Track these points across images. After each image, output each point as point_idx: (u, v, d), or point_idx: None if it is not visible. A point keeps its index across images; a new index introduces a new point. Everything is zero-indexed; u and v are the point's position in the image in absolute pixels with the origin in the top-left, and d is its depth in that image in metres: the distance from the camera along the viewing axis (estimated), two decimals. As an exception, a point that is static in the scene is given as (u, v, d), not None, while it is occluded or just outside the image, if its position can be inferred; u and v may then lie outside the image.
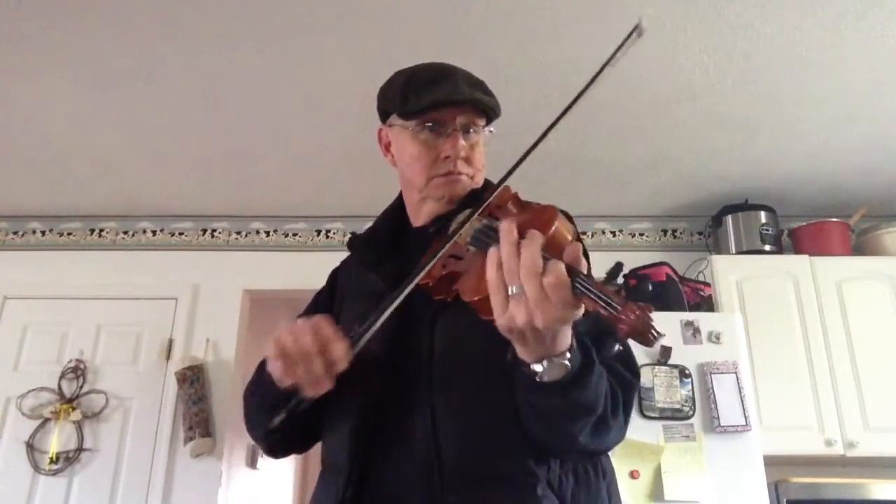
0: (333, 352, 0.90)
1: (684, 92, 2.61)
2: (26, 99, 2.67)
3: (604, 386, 0.91)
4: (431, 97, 1.08)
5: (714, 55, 2.41)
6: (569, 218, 0.95)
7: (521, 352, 0.83)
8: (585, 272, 0.76)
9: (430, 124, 1.10)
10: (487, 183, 1.16)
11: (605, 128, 2.85)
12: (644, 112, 2.73)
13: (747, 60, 2.43)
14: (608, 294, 0.72)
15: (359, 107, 2.69)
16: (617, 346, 0.74)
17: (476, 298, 0.89)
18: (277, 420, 1.00)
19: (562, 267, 0.75)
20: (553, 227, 0.86)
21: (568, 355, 0.82)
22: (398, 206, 1.24)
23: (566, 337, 0.82)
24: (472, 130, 1.12)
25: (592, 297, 0.73)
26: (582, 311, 0.77)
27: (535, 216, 0.93)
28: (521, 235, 0.83)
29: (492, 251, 0.81)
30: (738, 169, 3.16)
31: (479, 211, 0.99)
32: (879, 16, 2.22)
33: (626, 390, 0.97)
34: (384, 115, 1.19)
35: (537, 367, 0.82)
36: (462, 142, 1.10)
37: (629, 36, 0.99)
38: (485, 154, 1.17)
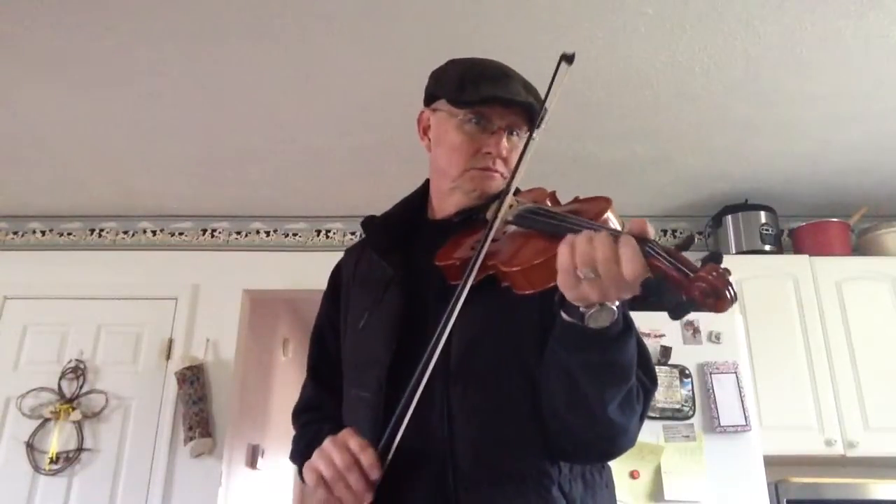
0: (365, 464, 0.91)
1: (684, 92, 2.61)
2: (26, 99, 2.67)
3: (636, 356, 0.91)
4: (489, 91, 1.08)
5: (714, 55, 2.41)
6: None
7: (573, 297, 0.83)
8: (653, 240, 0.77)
9: (478, 118, 1.10)
10: (518, 190, 1.15)
11: (605, 128, 2.85)
12: (644, 112, 2.73)
13: (747, 60, 2.43)
14: (680, 258, 0.73)
15: (360, 107, 2.69)
16: (687, 310, 0.74)
17: (516, 269, 0.89)
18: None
19: (633, 241, 0.76)
20: (606, 214, 0.89)
21: (617, 303, 0.83)
22: (421, 194, 1.24)
23: None
24: (515, 133, 1.12)
25: (663, 259, 0.74)
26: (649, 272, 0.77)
27: (587, 202, 0.95)
28: (578, 215, 0.85)
29: (567, 239, 0.81)
30: (738, 169, 3.16)
31: (510, 192, 1.01)
32: (879, 16, 2.22)
33: (645, 394, 0.98)
34: (431, 99, 1.18)
35: (587, 311, 0.82)
36: (505, 142, 1.10)
37: (558, 66, 1.04)
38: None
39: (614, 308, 0.83)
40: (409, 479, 0.96)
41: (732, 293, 0.69)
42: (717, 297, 0.69)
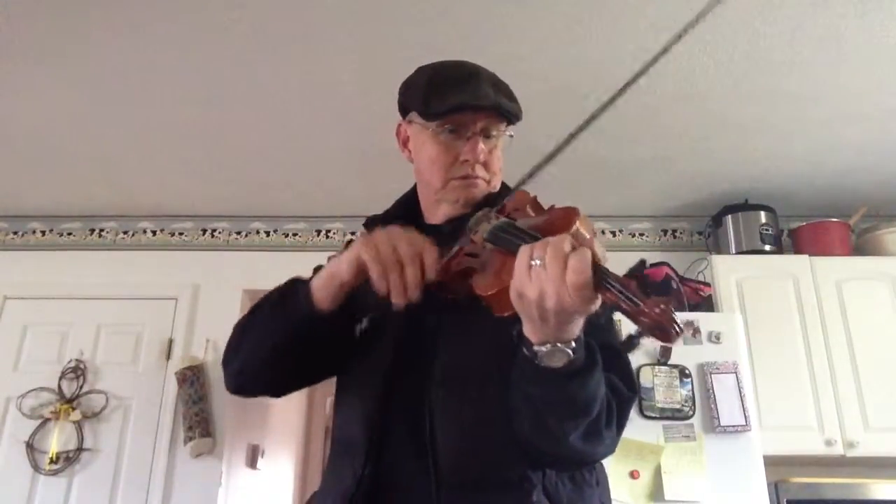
0: (426, 259, 0.92)
1: (684, 92, 2.61)
2: (26, 99, 2.67)
3: (602, 392, 0.90)
4: (454, 100, 1.06)
5: (714, 55, 2.41)
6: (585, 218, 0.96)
7: (528, 328, 0.83)
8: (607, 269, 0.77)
9: (451, 126, 1.08)
10: (504, 187, 1.15)
11: (605, 128, 2.85)
12: (644, 112, 2.73)
13: (747, 60, 2.43)
14: (630, 288, 0.73)
15: (359, 107, 2.69)
16: (636, 343, 0.74)
17: (490, 293, 0.89)
18: (365, 322, 1.06)
19: (589, 255, 0.75)
20: (573, 228, 0.87)
21: (573, 345, 0.82)
22: (412, 197, 1.23)
23: (575, 327, 0.82)
24: (492, 134, 1.10)
25: (614, 290, 0.73)
26: (598, 305, 0.77)
27: (557, 216, 0.94)
28: (544, 234, 0.84)
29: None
30: (738, 169, 3.16)
31: (496, 209, 1.00)
32: (879, 16, 2.22)
33: (621, 405, 0.96)
34: (404, 111, 1.17)
35: (540, 349, 0.82)
36: (482, 146, 1.08)
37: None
38: (501, 157, 1.15)
39: (568, 351, 0.82)
40: (393, 483, 0.97)
41: (677, 329, 0.70)
42: (663, 331, 0.70)
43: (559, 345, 0.81)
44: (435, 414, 0.97)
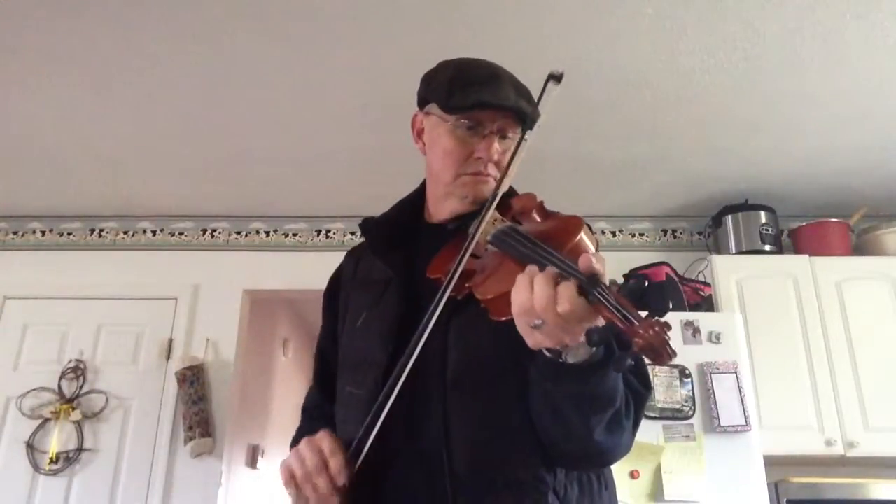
0: (333, 468, 0.94)
1: (684, 92, 2.61)
2: (26, 99, 2.67)
3: (620, 383, 0.91)
4: (478, 97, 1.08)
5: (714, 55, 2.41)
6: (589, 228, 0.96)
7: (532, 344, 0.84)
8: (605, 282, 0.77)
9: (469, 122, 1.10)
10: (512, 190, 1.16)
11: (605, 128, 2.85)
12: (644, 112, 2.73)
13: (747, 60, 2.43)
14: (625, 307, 0.72)
15: (360, 107, 2.69)
16: (629, 361, 0.74)
17: (489, 297, 0.90)
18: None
19: (572, 289, 0.76)
20: (577, 238, 0.88)
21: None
22: (418, 195, 1.24)
23: (583, 329, 0.82)
24: (508, 135, 1.12)
25: (609, 308, 0.73)
26: (599, 318, 0.77)
27: (560, 224, 0.95)
28: (547, 242, 0.86)
29: (515, 288, 0.82)
30: (738, 169, 3.16)
31: (491, 207, 1.01)
32: (880, 16, 2.22)
33: (637, 401, 0.97)
34: (423, 102, 1.18)
35: (563, 349, 0.83)
36: (497, 145, 1.10)
37: (546, 85, 1.02)
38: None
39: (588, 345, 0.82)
40: (406, 486, 0.97)
41: (670, 352, 0.69)
42: (656, 353, 0.69)
43: (582, 339, 0.82)
44: (450, 418, 0.97)
